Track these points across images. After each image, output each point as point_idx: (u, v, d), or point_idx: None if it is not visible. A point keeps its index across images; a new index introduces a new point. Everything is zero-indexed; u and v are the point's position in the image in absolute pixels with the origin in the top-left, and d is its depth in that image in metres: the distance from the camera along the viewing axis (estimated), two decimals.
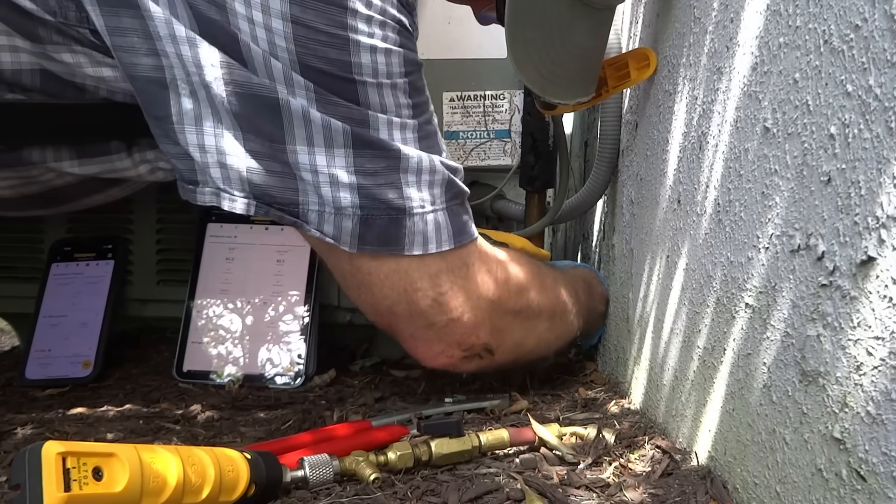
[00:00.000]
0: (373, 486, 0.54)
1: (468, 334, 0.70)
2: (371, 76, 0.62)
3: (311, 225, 0.64)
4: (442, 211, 0.66)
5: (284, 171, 0.62)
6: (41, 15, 0.63)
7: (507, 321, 0.73)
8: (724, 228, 0.53)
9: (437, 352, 0.71)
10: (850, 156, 0.37)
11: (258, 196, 0.63)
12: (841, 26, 0.38)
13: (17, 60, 0.66)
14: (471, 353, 0.71)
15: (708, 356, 0.55)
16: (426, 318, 0.68)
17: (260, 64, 0.60)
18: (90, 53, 0.65)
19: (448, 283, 0.67)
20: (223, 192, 0.63)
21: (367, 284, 0.67)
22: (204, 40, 0.60)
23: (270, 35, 0.59)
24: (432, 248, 0.66)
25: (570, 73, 0.71)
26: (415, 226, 0.65)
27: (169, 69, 0.61)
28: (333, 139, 0.62)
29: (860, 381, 0.36)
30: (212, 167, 0.62)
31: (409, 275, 0.66)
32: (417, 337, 0.70)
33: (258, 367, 0.93)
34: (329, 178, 0.62)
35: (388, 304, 0.68)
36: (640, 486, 0.53)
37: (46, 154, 0.76)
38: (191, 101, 0.62)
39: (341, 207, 0.63)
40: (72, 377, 0.93)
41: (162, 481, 0.45)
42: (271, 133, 0.61)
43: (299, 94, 0.61)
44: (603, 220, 0.99)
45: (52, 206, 0.89)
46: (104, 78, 0.67)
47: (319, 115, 0.61)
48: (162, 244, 1.06)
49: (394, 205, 0.64)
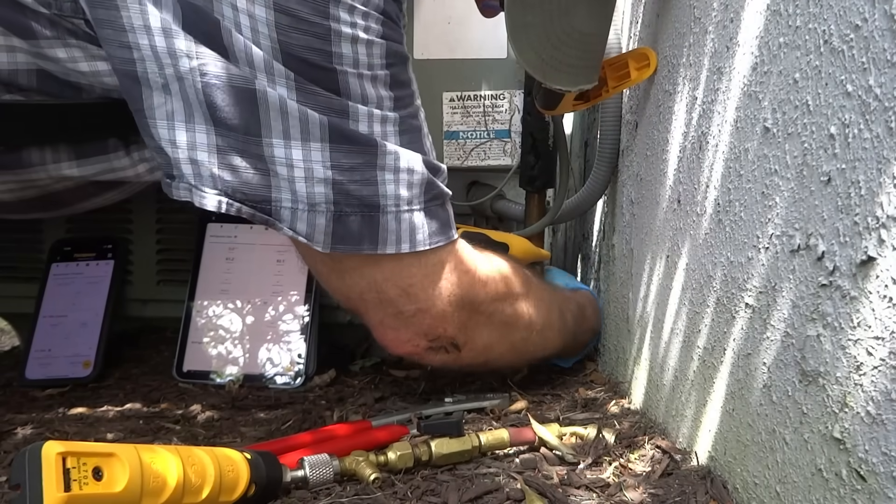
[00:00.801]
0: (373, 486, 0.54)
1: (435, 325, 0.70)
2: (352, 66, 0.61)
3: (283, 223, 0.63)
4: (420, 212, 0.66)
5: (258, 166, 0.61)
6: (35, 7, 0.63)
7: (478, 321, 0.73)
8: (724, 228, 0.53)
9: (403, 339, 0.71)
10: (850, 156, 0.37)
11: (229, 193, 0.62)
12: (841, 26, 0.38)
13: (13, 60, 0.66)
14: (436, 344, 0.72)
15: (708, 356, 0.55)
16: (394, 307, 0.68)
17: (241, 51, 0.59)
18: (85, 46, 0.65)
19: (419, 275, 0.67)
20: (194, 189, 0.62)
21: (339, 271, 0.67)
22: (181, 31, 0.59)
23: (254, 22, 0.59)
24: (405, 247, 0.65)
25: (572, 58, 0.70)
26: (388, 224, 0.64)
27: (140, 62, 0.60)
28: (310, 132, 0.61)
29: (860, 381, 0.36)
30: (183, 163, 0.61)
31: (380, 266, 0.66)
32: (386, 324, 0.70)
33: (258, 366, 0.93)
34: (304, 171, 0.62)
35: (359, 291, 0.68)
36: (640, 486, 0.53)
37: (45, 155, 0.76)
38: (163, 95, 0.61)
39: (315, 203, 0.62)
40: (72, 377, 0.93)
41: (162, 481, 0.45)
42: (246, 126, 0.61)
43: (279, 83, 0.60)
44: (603, 220, 0.99)
45: (50, 210, 0.89)
46: (99, 72, 0.66)
47: (297, 105, 0.60)
48: (162, 244, 1.06)
49: (368, 202, 0.63)
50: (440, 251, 0.68)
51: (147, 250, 1.05)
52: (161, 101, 0.61)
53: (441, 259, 0.68)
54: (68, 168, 0.77)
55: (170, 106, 0.61)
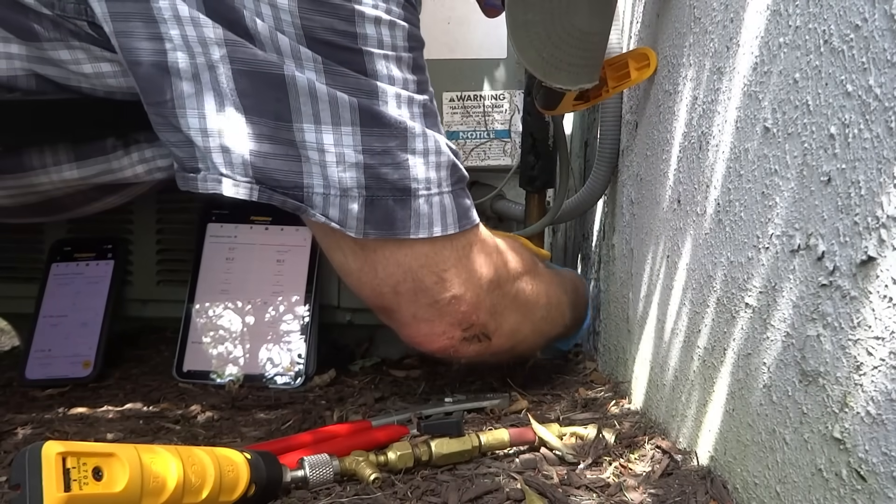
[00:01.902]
0: (373, 486, 0.54)
1: (469, 313, 0.70)
2: (377, 47, 0.62)
3: (316, 209, 0.63)
4: (448, 194, 0.66)
5: (289, 152, 0.62)
6: (38, 8, 0.63)
7: (505, 304, 0.73)
8: (725, 228, 0.53)
9: (438, 332, 0.71)
10: (850, 156, 0.37)
11: (261, 180, 0.62)
12: (841, 26, 0.38)
13: (11, 67, 0.66)
14: (470, 333, 0.72)
15: (708, 356, 0.55)
16: (430, 296, 0.68)
17: (267, 39, 0.60)
18: (88, 48, 0.65)
19: (453, 259, 0.68)
20: (225, 178, 0.62)
21: (371, 263, 0.67)
22: (209, 19, 0.60)
23: (275, 11, 0.59)
24: (437, 230, 0.66)
25: (573, 57, 0.70)
26: (420, 207, 0.65)
27: (171, 52, 0.61)
28: (341, 116, 0.61)
29: (860, 381, 0.36)
30: (213, 152, 0.62)
31: (415, 252, 0.66)
32: (420, 317, 0.70)
33: (258, 366, 0.93)
34: (336, 156, 0.62)
35: (393, 283, 0.67)
36: (640, 486, 0.53)
37: (46, 158, 0.76)
38: (193, 85, 0.61)
39: (347, 189, 0.63)
40: (72, 377, 0.93)
41: (162, 481, 0.45)
42: (277, 112, 0.61)
43: (307, 67, 0.60)
44: (603, 220, 0.99)
45: (51, 214, 0.89)
46: (103, 73, 0.67)
47: (326, 88, 0.61)
48: (162, 244, 1.06)
49: (400, 186, 0.64)
50: (468, 234, 0.69)
51: (147, 250, 1.05)
52: (191, 91, 0.61)
53: (470, 242, 0.69)
54: (68, 170, 0.77)
55: (201, 95, 0.61)
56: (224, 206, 1.00)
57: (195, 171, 0.63)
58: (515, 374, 0.85)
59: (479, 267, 0.70)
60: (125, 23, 0.61)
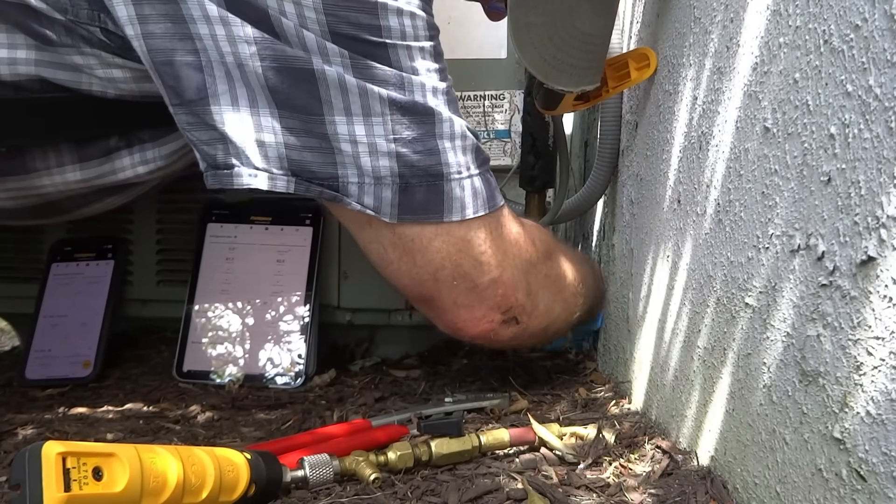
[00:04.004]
0: (373, 486, 0.54)
1: (508, 295, 0.71)
2: (400, 38, 0.63)
3: (351, 198, 0.65)
4: (478, 176, 0.68)
5: (322, 145, 0.63)
6: (51, 14, 0.63)
7: (539, 283, 0.74)
8: (725, 228, 0.53)
9: (479, 316, 0.71)
10: (850, 156, 0.37)
11: (297, 172, 0.64)
12: (841, 26, 0.38)
13: (15, 72, 0.66)
14: (509, 315, 0.72)
15: (708, 356, 0.55)
16: (470, 280, 0.69)
17: (293, 36, 0.61)
18: (100, 54, 0.66)
19: (488, 241, 0.69)
20: (262, 172, 0.63)
21: (410, 252, 0.68)
22: (237, 17, 0.61)
23: (299, 8, 0.60)
24: (469, 213, 0.67)
25: (574, 59, 0.71)
26: (452, 191, 0.66)
27: (203, 52, 0.62)
28: (371, 107, 0.63)
29: (860, 381, 0.36)
30: (249, 147, 0.63)
31: (451, 236, 0.67)
32: (460, 303, 0.70)
33: (258, 367, 0.93)
34: (368, 147, 0.63)
35: (433, 269, 0.68)
36: (640, 487, 0.53)
37: (49, 159, 0.76)
38: (226, 83, 0.62)
39: (380, 177, 0.64)
40: (72, 377, 0.93)
41: (162, 481, 0.45)
42: (309, 106, 0.62)
43: (334, 62, 0.62)
44: (603, 220, 0.99)
45: (52, 216, 0.89)
46: (114, 79, 0.67)
47: (355, 80, 0.62)
48: (162, 244, 1.05)
49: (432, 171, 0.65)
50: (498, 214, 0.70)
51: (147, 250, 1.05)
52: (224, 88, 0.63)
53: (500, 222, 0.70)
54: (72, 171, 0.77)
55: (234, 92, 0.63)
56: (224, 206, 1.00)
57: (229, 167, 0.64)
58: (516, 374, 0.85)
59: (511, 247, 0.71)
60: (154, 24, 0.62)
